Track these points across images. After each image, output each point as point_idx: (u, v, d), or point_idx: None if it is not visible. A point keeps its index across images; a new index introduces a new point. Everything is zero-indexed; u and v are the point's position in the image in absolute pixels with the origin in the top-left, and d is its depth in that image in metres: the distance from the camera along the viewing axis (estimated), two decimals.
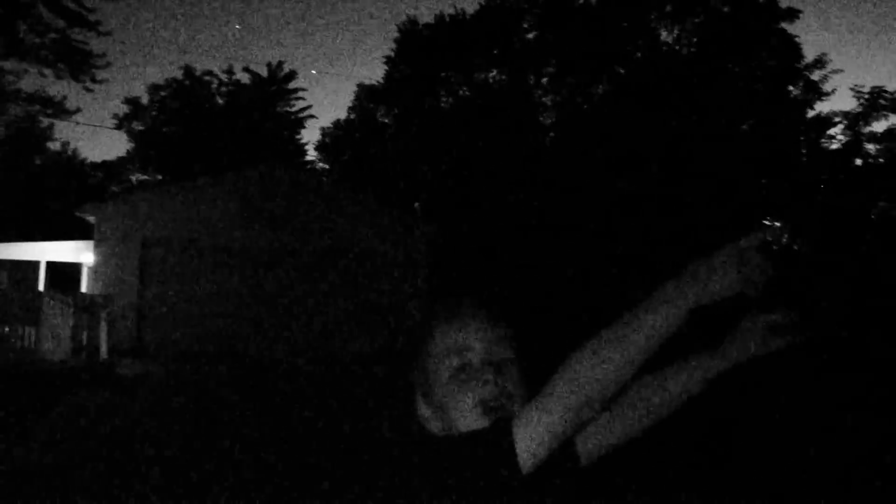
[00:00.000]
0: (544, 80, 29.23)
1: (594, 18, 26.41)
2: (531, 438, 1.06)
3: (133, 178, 37.74)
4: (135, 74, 73.01)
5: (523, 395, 1.23)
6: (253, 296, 16.92)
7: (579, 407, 1.05)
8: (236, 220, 17.04)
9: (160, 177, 34.62)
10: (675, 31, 27.09)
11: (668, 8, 26.52)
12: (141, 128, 36.62)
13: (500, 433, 1.09)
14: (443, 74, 30.18)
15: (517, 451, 1.06)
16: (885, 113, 22.36)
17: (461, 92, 30.29)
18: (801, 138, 24.29)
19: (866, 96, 22.60)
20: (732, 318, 1.30)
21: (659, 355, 1.08)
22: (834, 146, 23.86)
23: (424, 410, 1.28)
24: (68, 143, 44.71)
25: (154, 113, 36.56)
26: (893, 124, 22.46)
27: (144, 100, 36.80)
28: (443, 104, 30.50)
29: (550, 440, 1.07)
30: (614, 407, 1.29)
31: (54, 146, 37.30)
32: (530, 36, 29.42)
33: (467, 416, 1.21)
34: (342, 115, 36.69)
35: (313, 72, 67.79)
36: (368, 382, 11.97)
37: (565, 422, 1.06)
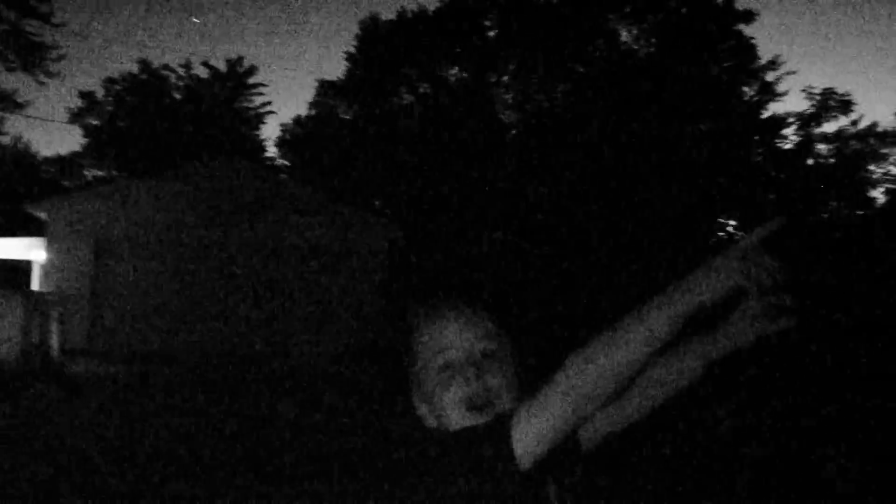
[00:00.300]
0: (505, 77, 29.36)
1: (554, 17, 26.58)
2: (529, 437, 1.07)
3: (88, 173, 36.92)
4: (90, 68, 71.39)
5: (511, 391, 1.24)
6: (211, 295, 16.69)
7: (578, 407, 1.06)
8: (194, 218, 16.79)
9: (116, 173, 33.94)
10: (634, 31, 27.42)
11: (628, 8, 26.83)
12: (96, 122, 35.84)
13: (497, 431, 1.09)
14: (404, 71, 30.12)
15: (515, 449, 1.07)
16: (835, 114, 22.95)
17: (422, 89, 30.26)
18: (756, 138, 24.80)
19: (818, 98, 23.18)
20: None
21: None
22: (787, 146, 24.43)
23: (421, 409, 1.30)
24: (20, 136, 43.45)
25: (110, 108, 35.82)
26: (843, 126, 23.06)
27: (100, 94, 36.08)
28: (404, 101, 30.44)
29: (548, 439, 1.07)
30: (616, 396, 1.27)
31: (5, 140, 36.28)
32: (491, 34, 29.52)
33: (454, 414, 1.23)
34: (303, 111, 36.34)
35: (272, 66, 67.04)
36: (336, 381, 11.91)
37: (564, 421, 1.06)
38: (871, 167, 25.74)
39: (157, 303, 16.30)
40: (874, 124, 25.75)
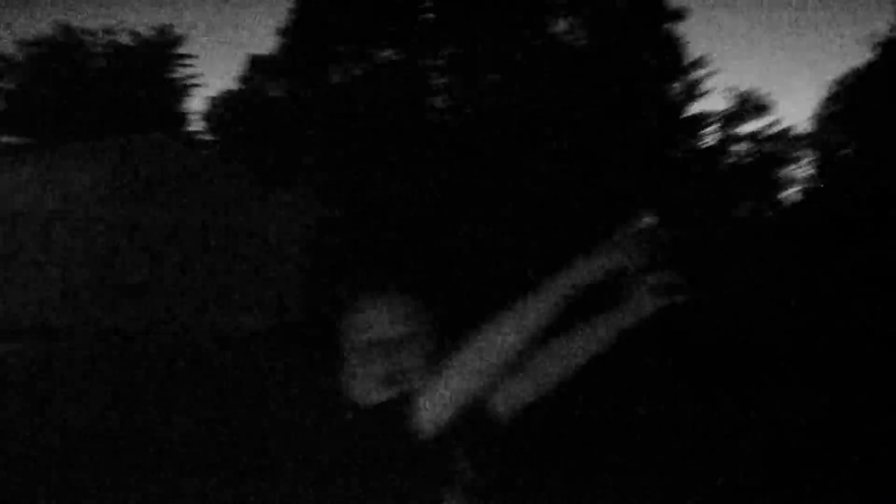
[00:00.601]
0: (440, 62, 29.28)
1: (490, 3, 26.60)
2: (430, 409, 1.20)
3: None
4: (4, 28, 67.75)
5: (423, 370, 1.35)
6: (121, 272, 16.21)
7: (474, 382, 1.19)
8: (107, 190, 16.25)
9: (31, 140, 32.47)
10: (568, 22, 27.66)
11: None
12: (10, 86, 34.20)
13: (404, 404, 1.23)
14: (337, 50, 29.65)
15: (418, 419, 1.20)
16: (752, 116, 23.77)
17: (355, 69, 29.89)
18: (677, 136, 25.48)
19: (737, 99, 23.97)
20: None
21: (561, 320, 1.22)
22: (707, 145, 25.18)
23: (345, 381, 1.41)
24: None
25: (26, 72, 34.17)
26: (760, 128, 23.91)
27: (15, 57, 34.35)
28: (336, 80, 30.00)
29: (447, 410, 1.20)
30: (522, 369, 1.42)
31: None
32: (429, 16, 29.34)
33: (370, 387, 1.35)
34: (232, 85, 35.33)
35: (203, 38, 65.04)
36: (255, 358, 11.79)
37: (460, 394, 1.20)
38: (785, 169, 26.84)
39: (63, 278, 15.74)
40: (790, 128, 26.96)
